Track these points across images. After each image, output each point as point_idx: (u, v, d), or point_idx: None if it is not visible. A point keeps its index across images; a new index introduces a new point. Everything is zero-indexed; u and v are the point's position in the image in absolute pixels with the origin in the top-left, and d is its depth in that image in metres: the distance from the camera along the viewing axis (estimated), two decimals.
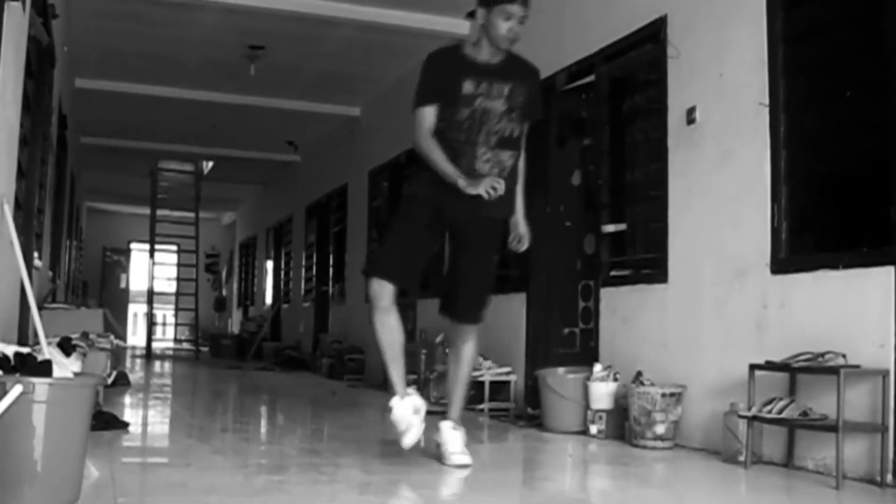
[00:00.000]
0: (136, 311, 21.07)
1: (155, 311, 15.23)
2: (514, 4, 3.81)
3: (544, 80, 6.39)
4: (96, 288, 20.10)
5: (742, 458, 4.05)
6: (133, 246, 21.76)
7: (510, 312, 6.60)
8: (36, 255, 6.08)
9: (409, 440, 3.77)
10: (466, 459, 3.80)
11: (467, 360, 4.10)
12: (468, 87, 3.85)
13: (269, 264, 17.01)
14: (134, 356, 13.78)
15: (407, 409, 3.80)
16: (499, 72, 3.90)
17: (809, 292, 4.05)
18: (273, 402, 7.46)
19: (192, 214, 15.60)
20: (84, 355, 4.57)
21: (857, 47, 4.11)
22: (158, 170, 15.33)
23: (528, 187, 4.15)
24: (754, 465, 4.04)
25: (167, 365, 12.56)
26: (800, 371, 3.91)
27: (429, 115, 3.91)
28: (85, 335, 5.66)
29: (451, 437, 3.90)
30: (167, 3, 7.46)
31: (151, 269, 15.31)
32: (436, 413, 6.24)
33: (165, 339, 18.87)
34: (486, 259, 4.03)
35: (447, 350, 7.29)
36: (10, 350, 2.68)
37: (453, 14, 7.57)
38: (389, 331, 3.96)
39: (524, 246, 4.09)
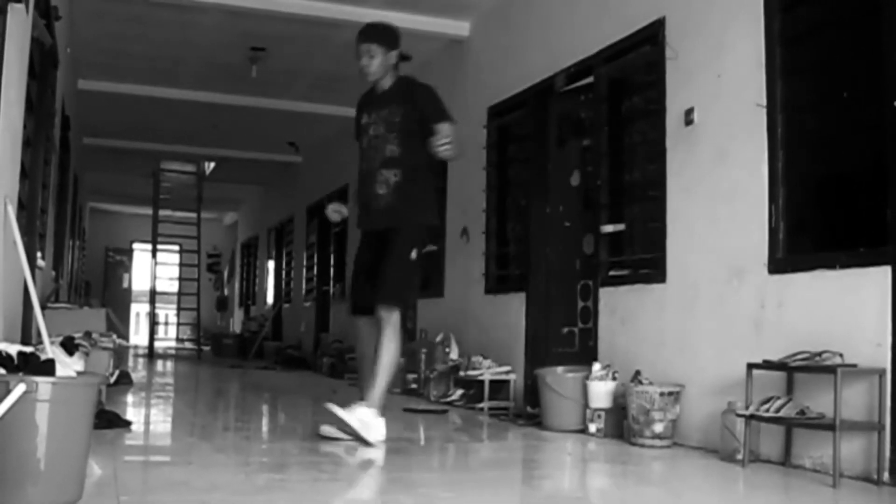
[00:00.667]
0: (139, 310, 21.08)
1: (157, 311, 15.25)
2: (356, 44, 4.55)
3: (543, 82, 6.45)
4: (99, 288, 20.12)
5: (740, 457, 4.05)
6: (135, 246, 21.77)
7: (510, 312, 6.61)
8: (39, 255, 6.08)
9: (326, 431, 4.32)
10: (335, 409, 4.23)
11: (378, 349, 4.43)
12: (364, 118, 4.58)
13: (271, 264, 17.01)
14: (136, 355, 13.78)
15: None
16: (382, 99, 4.51)
17: (807, 292, 4.05)
18: (274, 400, 7.46)
19: (194, 215, 15.60)
20: (87, 354, 4.58)
21: (854, 49, 4.11)
22: (161, 170, 15.34)
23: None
24: (752, 464, 4.04)
25: (169, 364, 12.56)
26: (797, 370, 3.91)
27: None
28: (88, 334, 5.66)
29: (353, 410, 4.26)
30: (169, 6, 7.46)
31: (154, 269, 15.32)
32: (433, 412, 6.26)
33: (167, 338, 18.89)
34: (388, 264, 4.42)
35: (447, 350, 7.33)
36: (13, 349, 2.68)
37: (452, 16, 7.58)
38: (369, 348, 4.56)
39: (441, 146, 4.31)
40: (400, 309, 4.44)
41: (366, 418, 4.24)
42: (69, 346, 3.57)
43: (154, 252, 15.25)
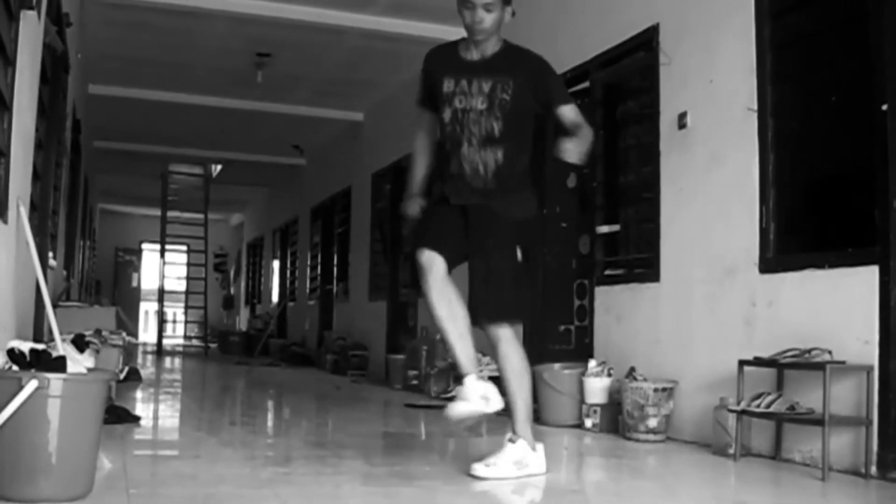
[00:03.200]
0: (148, 308, 21.08)
1: (165, 309, 15.24)
2: None
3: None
4: (109, 287, 20.11)
5: (731, 451, 4.05)
6: (144, 246, 21.76)
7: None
8: (51, 255, 6.08)
9: (454, 410, 3.39)
10: (480, 471, 3.37)
11: (506, 369, 3.55)
12: (447, 85, 3.58)
13: (276, 264, 17.01)
14: (145, 352, 13.78)
15: (477, 388, 3.39)
16: (482, 67, 3.56)
17: (796, 291, 4.05)
18: (279, 396, 7.46)
19: (201, 216, 15.60)
20: (97, 351, 4.58)
21: (842, 55, 4.11)
22: (169, 173, 15.34)
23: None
24: (743, 458, 4.04)
25: (177, 361, 12.56)
26: (787, 367, 3.91)
27: (422, 116, 3.77)
28: (98, 332, 5.67)
29: (501, 449, 3.46)
30: (177, 13, 7.46)
31: (162, 269, 15.31)
32: (434, 408, 6.25)
33: (175, 335, 18.88)
34: (492, 254, 3.50)
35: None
36: (25, 346, 2.69)
37: (453, 23, 7.55)
38: (447, 304, 3.42)
39: (567, 153, 3.52)
40: (515, 323, 3.58)
41: (519, 456, 3.46)
42: (80, 344, 3.57)
43: (162, 252, 15.24)
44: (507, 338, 3.52)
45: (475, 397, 3.35)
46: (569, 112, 3.59)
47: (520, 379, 3.55)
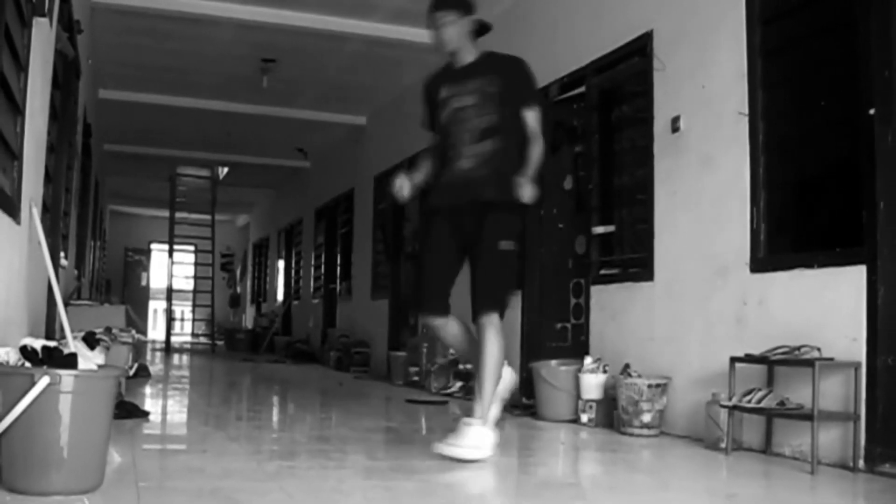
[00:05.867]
0: (156, 307, 21.10)
1: (173, 308, 15.24)
2: (428, 17, 3.90)
3: (539, 90, 6.41)
4: (119, 286, 20.10)
5: (723, 445, 4.05)
6: (153, 246, 21.75)
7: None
8: (62, 254, 6.08)
9: (448, 451, 3.54)
10: (448, 451, 3.49)
11: (487, 353, 3.67)
12: (443, 92, 3.92)
13: (281, 263, 17.01)
14: (154, 349, 13.77)
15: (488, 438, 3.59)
16: (468, 72, 3.89)
17: (786, 289, 4.05)
18: (284, 392, 7.46)
19: (208, 217, 15.60)
20: (107, 349, 4.57)
21: (830, 60, 4.11)
22: (177, 175, 15.33)
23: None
24: (735, 452, 4.04)
25: (185, 358, 12.55)
26: (777, 363, 3.91)
27: (431, 138, 4.06)
28: (108, 330, 5.66)
29: (463, 429, 3.57)
30: (185, 20, 7.47)
31: (170, 268, 15.31)
32: (434, 403, 6.25)
33: (183, 333, 18.90)
34: (490, 248, 3.70)
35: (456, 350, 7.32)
36: (38, 344, 2.69)
37: None
38: (454, 336, 3.91)
39: (523, 194, 3.63)
40: (501, 311, 3.71)
41: (477, 441, 3.56)
42: (90, 341, 3.57)
43: (171, 252, 15.24)
44: (495, 325, 3.69)
45: (473, 446, 3.54)
46: (531, 117, 3.84)
47: (495, 367, 3.71)
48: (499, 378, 3.76)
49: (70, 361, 2.64)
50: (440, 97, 3.91)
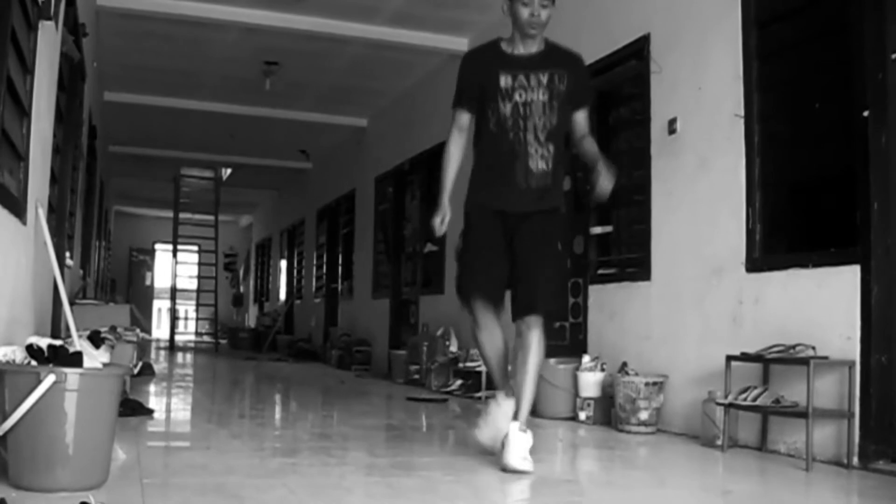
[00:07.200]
0: (160, 306, 21.06)
1: (177, 307, 15.22)
2: None
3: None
4: (123, 285, 20.10)
5: (719, 442, 4.05)
6: (157, 246, 21.75)
7: (504, 308, 6.58)
8: (68, 254, 6.08)
9: (481, 436, 3.58)
10: (525, 465, 3.27)
11: (530, 356, 3.49)
12: (505, 81, 3.52)
13: (283, 263, 17.00)
14: (158, 348, 13.78)
15: (504, 411, 3.53)
16: (535, 63, 3.56)
17: (781, 289, 4.05)
18: (286, 390, 7.46)
19: (211, 217, 15.58)
20: (112, 347, 4.57)
21: (825, 63, 4.11)
22: (181, 176, 15.32)
23: None
24: (731, 449, 4.04)
25: (189, 356, 12.55)
26: (773, 362, 3.91)
27: (460, 118, 3.69)
28: (113, 328, 5.65)
29: (516, 439, 3.32)
30: (189, 23, 7.46)
31: (174, 268, 15.30)
32: (434, 401, 6.25)
33: (187, 332, 18.89)
34: (538, 250, 3.55)
35: (447, 343, 7.32)
36: (44, 342, 2.69)
37: (454, 33, 7.58)
38: (491, 345, 3.68)
39: (607, 182, 3.51)
40: (550, 315, 3.55)
41: (526, 451, 3.34)
42: (96, 340, 3.56)
43: (175, 252, 15.23)
44: (540, 327, 3.51)
45: (518, 458, 3.29)
46: (584, 117, 3.68)
47: (536, 370, 3.51)
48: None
49: (75, 360, 2.64)
50: (500, 85, 3.51)
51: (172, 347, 14.05)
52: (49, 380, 2.47)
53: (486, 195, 3.61)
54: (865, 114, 3.62)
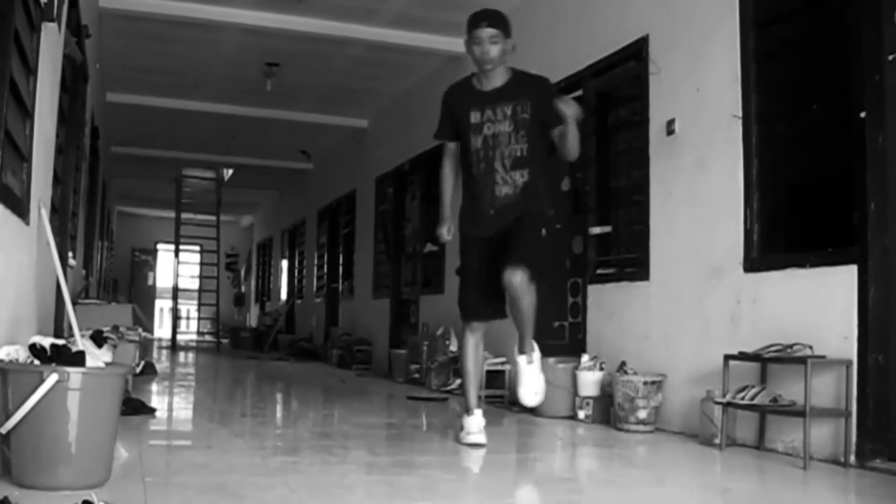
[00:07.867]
0: (163, 306, 21.06)
1: (179, 307, 15.22)
2: (477, 29, 3.79)
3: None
4: (126, 285, 20.11)
5: (717, 441, 4.05)
6: (159, 246, 21.77)
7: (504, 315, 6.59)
8: (70, 254, 6.07)
9: (466, 440, 3.96)
10: (535, 401, 4.05)
11: (518, 306, 3.80)
12: (475, 117, 3.87)
13: (284, 263, 17.00)
14: (160, 347, 13.78)
15: (476, 423, 3.99)
16: (500, 95, 3.86)
17: (779, 289, 4.05)
18: (287, 389, 7.46)
19: (213, 218, 15.58)
20: (114, 347, 4.57)
21: (822, 64, 4.11)
22: (182, 177, 15.33)
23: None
24: (728, 447, 4.04)
25: (190, 355, 12.55)
26: (770, 361, 3.91)
27: (445, 146, 4.07)
28: (115, 328, 5.65)
29: (527, 373, 4.01)
30: (190, 25, 7.47)
31: (176, 268, 15.31)
32: (435, 400, 6.25)
33: (189, 331, 18.88)
34: (520, 234, 3.83)
35: (447, 342, 7.32)
36: (46, 342, 2.69)
37: (452, 34, 7.56)
38: (473, 361, 4.09)
39: (568, 107, 3.76)
40: (535, 276, 3.74)
41: (539, 386, 4.07)
42: (98, 339, 3.57)
43: (177, 252, 15.23)
44: (524, 275, 3.69)
45: (531, 393, 4.02)
46: (558, 131, 3.87)
47: (534, 311, 3.85)
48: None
49: (78, 359, 2.64)
50: (470, 121, 3.88)
51: (174, 347, 14.05)
52: (52, 379, 2.47)
53: (467, 224, 4.02)
54: (863, 115, 3.63)
